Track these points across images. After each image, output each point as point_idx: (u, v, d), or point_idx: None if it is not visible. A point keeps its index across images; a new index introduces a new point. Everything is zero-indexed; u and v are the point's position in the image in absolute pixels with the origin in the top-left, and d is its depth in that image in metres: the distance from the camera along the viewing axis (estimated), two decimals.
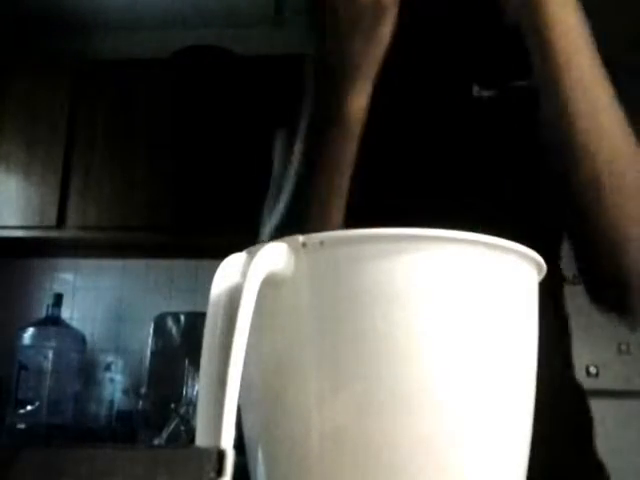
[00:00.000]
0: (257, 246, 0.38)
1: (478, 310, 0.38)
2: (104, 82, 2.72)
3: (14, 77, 2.77)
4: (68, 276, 2.88)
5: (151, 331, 2.59)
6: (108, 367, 2.70)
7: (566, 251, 0.74)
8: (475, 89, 0.78)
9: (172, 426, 2.22)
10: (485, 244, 0.38)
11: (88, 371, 2.67)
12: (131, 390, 2.62)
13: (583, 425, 0.82)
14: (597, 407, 0.80)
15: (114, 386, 2.68)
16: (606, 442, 0.81)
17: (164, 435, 2.21)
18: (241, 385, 0.33)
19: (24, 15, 2.92)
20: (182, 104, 2.64)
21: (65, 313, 2.68)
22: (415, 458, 0.36)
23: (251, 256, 0.37)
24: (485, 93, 0.78)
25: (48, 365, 2.49)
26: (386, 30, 0.61)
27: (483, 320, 0.38)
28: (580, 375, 0.83)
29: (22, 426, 2.37)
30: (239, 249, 0.39)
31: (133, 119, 2.66)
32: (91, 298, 2.85)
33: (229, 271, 0.36)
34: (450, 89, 0.79)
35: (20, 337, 2.53)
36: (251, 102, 2.55)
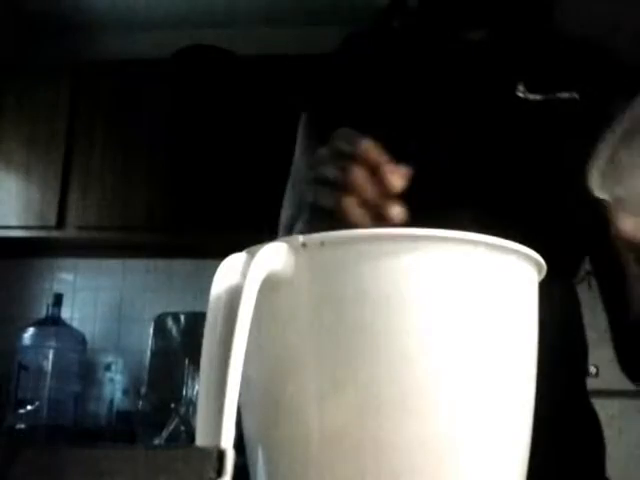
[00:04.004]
0: (257, 246, 0.38)
1: (478, 310, 0.38)
2: (104, 82, 2.71)
3: (14, 77, 2.77)
4: (68, 276, 2.88)
5: (151, 331, 2.59)
6: (108, 367, 2.70)
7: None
8: (520, 89, 0.76)
9: (172, 426, 2.21)
10: (485, 244, 0.38)
11: (88, 371, 2.66)
12: (131, 390, 2.62)
13: (591, 450, 0.80)
14: (597, 407, 0.80)
15: (114, 386, 2.68)
16: (605, 442, 0.81)
17: (164, 435, 2.20)
18: (241, 385, 0.33)
19: (24, 15, 2.92)
20: (182, 104, 2.64)
21: (65, 313, 2.67)
22: (414, 458, 0.36)
23: (251, 256, 0.37)
24: (530, 96, 0.76)
25: (48, 365, 2.49)
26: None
27: (483, 320, 0.38)
28: None
29: (22, 426, 2.37)
30: (239, 249, 0.39)
31: (133, 119, 2.66)
32: (91, 298, 2.85)
33: (229, 271, 0.36)
34: (494, 86, 0.78)
35: (20, 337, 2.52)
36: (251, 102, 2.55)
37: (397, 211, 0.54)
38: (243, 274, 0.35)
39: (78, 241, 2.70)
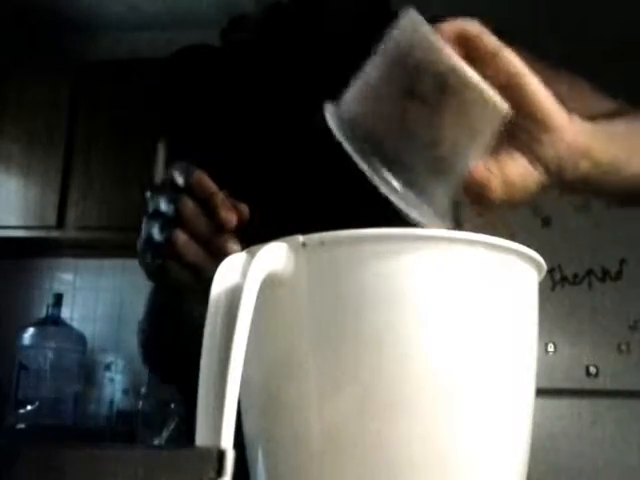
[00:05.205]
0: (257, 246, 0.38)
1: (478, 310, 0.38)
2: (104, 82, 2.72)
3: (14, 77, 2.77)
4: (68, 276, 2.88)
5: None
6: (108, 367, 2.70)
7: (570, 251, 0.74)
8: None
9: (172, 426, 2.21)
10: (485, 244, 0.38)
11: (88, 371, 2.67)
12: (131, 390, 2.62)
13: None
14: (597, 407, 0.80)
15: (114, 386, 2.68)
16: (606, 442, 0.81)
17: (164, 435, 2.20)
18: (241, 385, 0.33)
19: (24, 15, 2.92)
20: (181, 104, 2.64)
21: (65, 313, 2.67)
22: (414, 458, 0.36)
23: (251, 256, 0.37)
24: None
25: (48, 365, 2.49)
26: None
27: (483, 320, 0.38)
28: (580, 375, 0.83)
29: (22, 426, 2.37)
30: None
31: (133, 119, 2.66)
32: (91, 298, 2.85)
33: (229, 271, 0.36)
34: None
35: (20, 337, 2.52)
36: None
37: (232, 248, 0.51)
38: (243, 274, 0.35)
39: (78, 241, 2.70)
